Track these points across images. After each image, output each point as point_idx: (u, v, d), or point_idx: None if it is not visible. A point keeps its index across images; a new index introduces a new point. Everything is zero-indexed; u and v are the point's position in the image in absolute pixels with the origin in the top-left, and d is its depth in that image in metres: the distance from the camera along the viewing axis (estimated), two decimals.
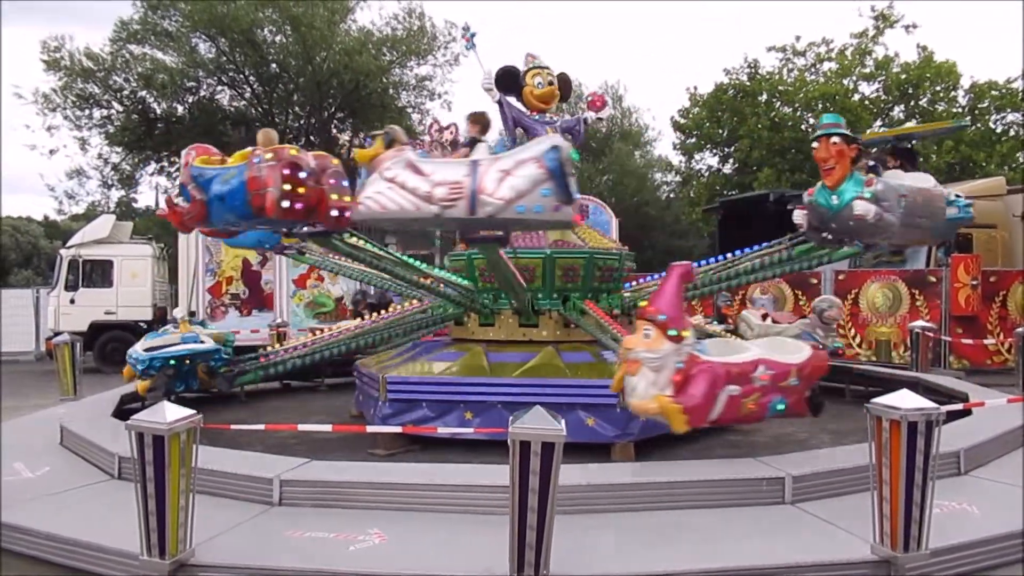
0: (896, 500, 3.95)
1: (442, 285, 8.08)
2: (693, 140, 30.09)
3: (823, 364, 5.65)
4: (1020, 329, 9.60)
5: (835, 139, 6.08)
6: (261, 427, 6.09)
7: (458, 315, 7.94)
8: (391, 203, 5.32)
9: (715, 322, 10.68)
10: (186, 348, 7.61)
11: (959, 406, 6.25)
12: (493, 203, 5.10)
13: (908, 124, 22.42)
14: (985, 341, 12.62)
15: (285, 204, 5.55)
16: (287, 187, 5.53)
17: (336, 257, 8.42)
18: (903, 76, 25.87)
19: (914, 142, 7.48)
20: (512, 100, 8.10)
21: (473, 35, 8.23)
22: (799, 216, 6.49)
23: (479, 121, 7.70)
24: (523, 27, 66.02)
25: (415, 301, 9.00)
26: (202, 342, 7.80)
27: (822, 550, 4.22)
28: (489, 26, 62.23)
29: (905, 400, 3.98)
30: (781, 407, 5.38)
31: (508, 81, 8.01)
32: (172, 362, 7.45)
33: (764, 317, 9.79)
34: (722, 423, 5.33)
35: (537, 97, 8.01)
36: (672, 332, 4.97)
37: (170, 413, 3.96)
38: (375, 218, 5.53)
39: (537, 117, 8.12)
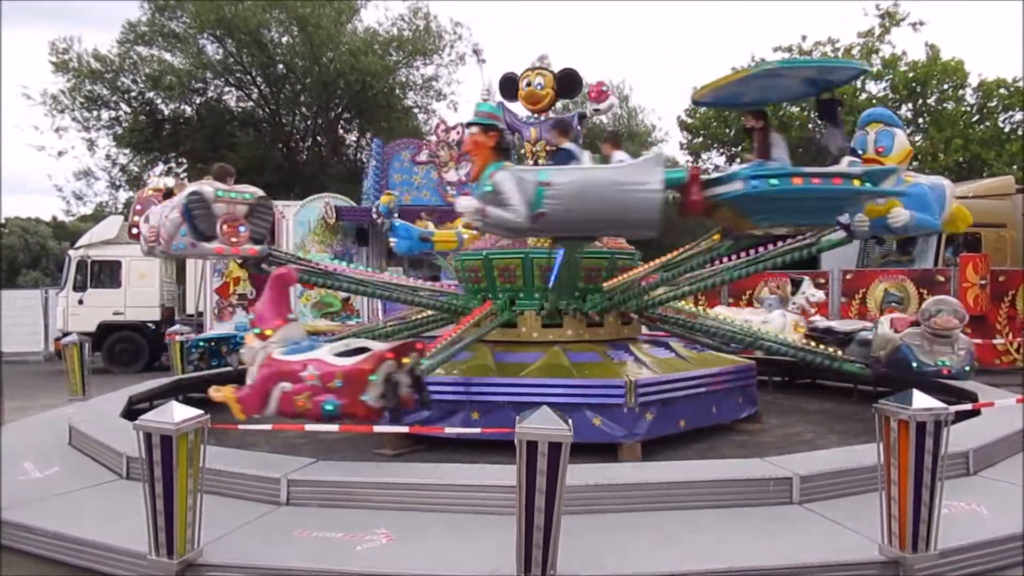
0: (904, 500, 3.93)
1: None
2: (700, 140, 30.03)
3: (365, 369, 5.37)
4: None
5: (473, 129, 5.95)
6: (268, 427, 6.10)
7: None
8: (141, 244, 7.02)
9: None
10: (211, 333, 10.57)
11: (968, 406, 6.20)
12: (163, 243, 6.54)
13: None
14: (994, 341, 12.55)
15: (134, 231, 7.22)
16: (136, 219, 7.16)
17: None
18: (910, 75, 25.76)
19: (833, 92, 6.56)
20: (515, 105, 8.25)
21: (476, 51, 8.49)
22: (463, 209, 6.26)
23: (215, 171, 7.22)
24: (529, 27, 66.04)
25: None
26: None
27: (830, 551, 4.21)
28: (495, 26, 62.36)
29: (914, 400, 3.96)
30: (330, 407, 5.34)
31: (509, 87, 8.19)
32: (201, 344, 10.18)
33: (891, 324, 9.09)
34: (285, 416, 5.53)
35: (523, 99, 8.15)
36: (256, 331, 5.87)
37: (178, 413, 3.97)
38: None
39: (525, 118, 8.25)
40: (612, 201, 5.36)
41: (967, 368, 7.21)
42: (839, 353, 7.82)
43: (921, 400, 3.96)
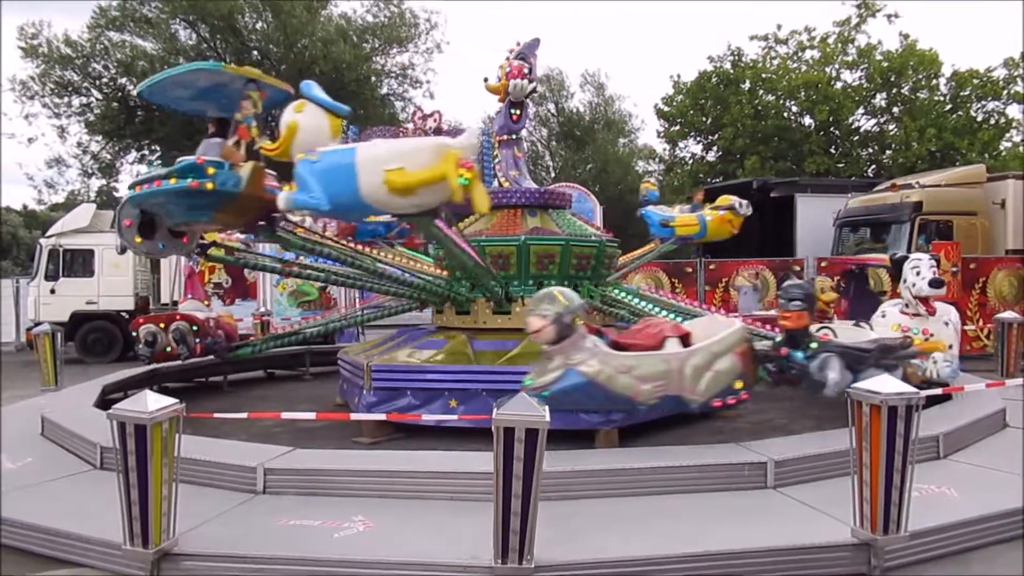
0: (876, 484, 3.99)
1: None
2: (677, 128, 30.10)
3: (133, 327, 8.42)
4: (999, 315, 9.70)
5: None
6: (244, 415, 6.06)
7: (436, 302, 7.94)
8: None
9: None
10: None
11: (938, 391, 6.31)
12: None
13: None
14: (964, 327, 12.74)
15: None
16: None
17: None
18: (885, 64, 25.96)
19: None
20: None
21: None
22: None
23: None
24: (505, 13, 65.74)
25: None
26: None
27: (803, 534, 4.27)
28: (470, 12, 61.93)
29: (885, 385, 4.02)
30: None
31: None
32: None
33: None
34: None
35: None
36: None
37: (152, 402, 3.94)
38: None
39: None
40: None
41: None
42: None
43: (893, 385, 4.02)
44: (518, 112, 8.05)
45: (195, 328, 8.10)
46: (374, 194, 5.28)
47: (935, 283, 7.19)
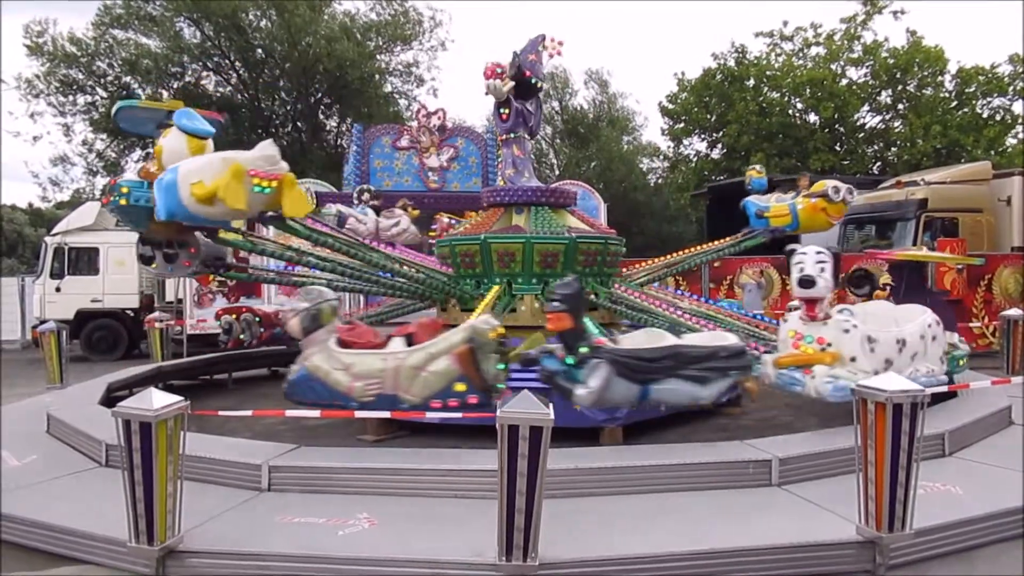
0: (881, 481, 3.98)
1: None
2: (681, 125, 30.08)
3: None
4: (1005, 312, 9.67)
5: None
6: (249, 413, 6.08)
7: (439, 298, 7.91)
8: None
9: None
10: None
11: (944, 388, 6.29)
12: None
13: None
14: (970, 324, 12.72)
15: None
16: None
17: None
18: (891, 61, 25.90)
19: None
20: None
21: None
22: None
23: None
24: (509, 11, 65.68)
25: None
26: None
27: (808, 531, 4.26)
28: (474, 9, 61.92)
29: (891, 382, 4.01)
30: None
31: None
32: None
33: None
34: None
35: None
36: None
37: (157, 400, 3.95)
38: None
39: None
40: None
41: None
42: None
43: (898, 382, 4.01)
44: (507, 111, 8.00)
45: (258, 319, 9.00)
46: (190, 205, 5.75)
47: (802, 282, 6.13)
